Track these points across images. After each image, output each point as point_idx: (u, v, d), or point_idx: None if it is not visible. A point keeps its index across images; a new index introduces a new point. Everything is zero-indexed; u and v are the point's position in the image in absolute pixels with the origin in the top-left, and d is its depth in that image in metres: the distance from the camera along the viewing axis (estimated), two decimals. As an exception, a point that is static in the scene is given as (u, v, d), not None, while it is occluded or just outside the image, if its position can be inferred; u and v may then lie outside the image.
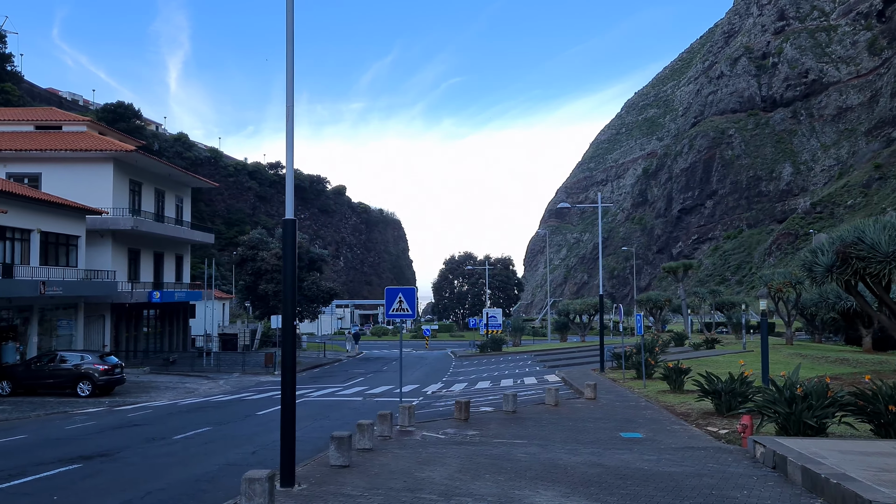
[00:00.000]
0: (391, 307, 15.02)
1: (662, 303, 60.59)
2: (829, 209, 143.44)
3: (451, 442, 12.89)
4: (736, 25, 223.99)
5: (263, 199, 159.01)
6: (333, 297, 41.49)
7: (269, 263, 38.65)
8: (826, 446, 10.19)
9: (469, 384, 28.52)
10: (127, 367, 37.10)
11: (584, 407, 18.13)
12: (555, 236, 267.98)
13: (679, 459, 10.94)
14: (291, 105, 9.56)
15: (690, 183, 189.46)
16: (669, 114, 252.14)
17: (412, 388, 27.13)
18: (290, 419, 8.94)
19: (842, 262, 18.28)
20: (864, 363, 30.49)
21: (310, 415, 18.93)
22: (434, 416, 17.70)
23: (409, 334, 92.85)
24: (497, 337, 53.59)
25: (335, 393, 25.85)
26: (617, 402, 19.00)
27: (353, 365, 43.26)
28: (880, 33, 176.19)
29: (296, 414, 9.15)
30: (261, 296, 39.75)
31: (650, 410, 17.20)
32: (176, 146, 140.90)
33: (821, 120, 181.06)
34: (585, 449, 12.03)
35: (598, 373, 28.60)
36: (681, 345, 42.85)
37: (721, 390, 15.35)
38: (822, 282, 19.01)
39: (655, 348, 28.54)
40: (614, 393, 21.16)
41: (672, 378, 20.45)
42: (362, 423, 11.76)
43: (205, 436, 15.27)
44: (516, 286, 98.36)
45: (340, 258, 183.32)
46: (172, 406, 22.55)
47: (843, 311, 34.30)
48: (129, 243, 40.00)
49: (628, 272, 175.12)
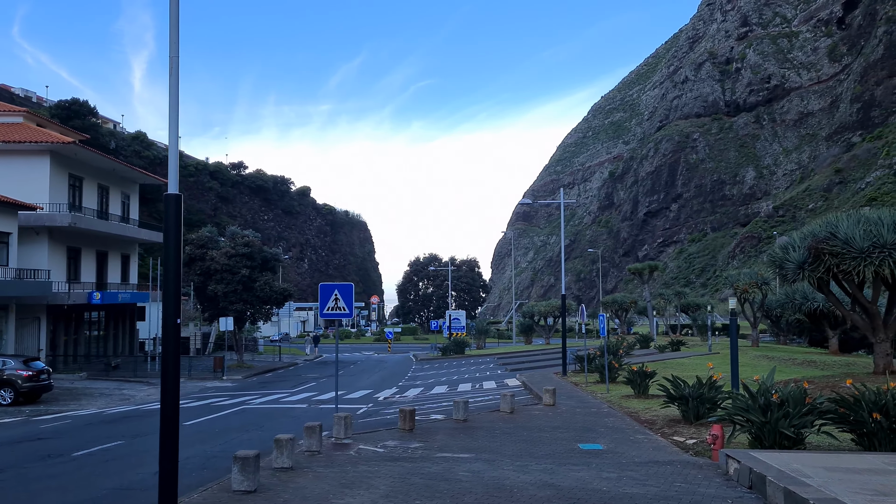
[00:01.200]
0: (326, 306, 13.44)
1: (628, 305, 59.82)
2: (791, 213, 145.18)
3: (388, 457, 11.39)
4: (700, 31, 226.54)
5: (225, 200, 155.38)
6: (287, 298, 39.63)
7: (218, 263, 36.68)
8: (809, 462, 8.90)
9: (425, 389, 27.03)
10: (62, 373, 34.90)
11: (541, 414, 16.74)
12: (522, 239, 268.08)
13: (642, 477, 9.58)
14: (177, 54, 7.91)
15: (656, 186, 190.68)
16: (635, 118, 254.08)
17: (364, 394, 25.53)
18: (171, 438, 7.29)
19: (814, 259, 17.21)
20: (833, 365, 29.71)
21: (242, 425, 17.25)
22: (379, 425, 16.17)
23: (372, 337, 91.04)
24: (460, 339, 52.18)
25: (280, 399, 24.14)
26: (577, 408, 17.66)
27: (309, 369, 41.46)
28: (840, 40, 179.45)
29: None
30: (210, 297, 37.75)
31: (612, 417, 15.88)
32: (134, 145, 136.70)
33: (783, 125, 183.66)
34: (538, 465, 10.62)
35: (561, 376, 27.32)
36: (646, 347, 41.90)
37: (688, 396, 14.07)
38: (794, 279, 17.95)
39: (619, 350, 27.39)
40: (575, 398, 19.83)
41: (636, 382, 19.19)
42: (280, 438, 10.19)
43: (111, 451, 13.51)
44: (482, 288, 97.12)
45: (305, 260, 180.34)
46: (97, 416, 20.64)
47: (809, 312, 33.56)
48: (68, 241, 37.68)
49: (594, 275, 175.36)
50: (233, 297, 36.93)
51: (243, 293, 37.32)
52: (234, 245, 37.33)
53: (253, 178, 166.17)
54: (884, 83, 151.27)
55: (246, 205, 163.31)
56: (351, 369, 41.55)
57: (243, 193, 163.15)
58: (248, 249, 37.23)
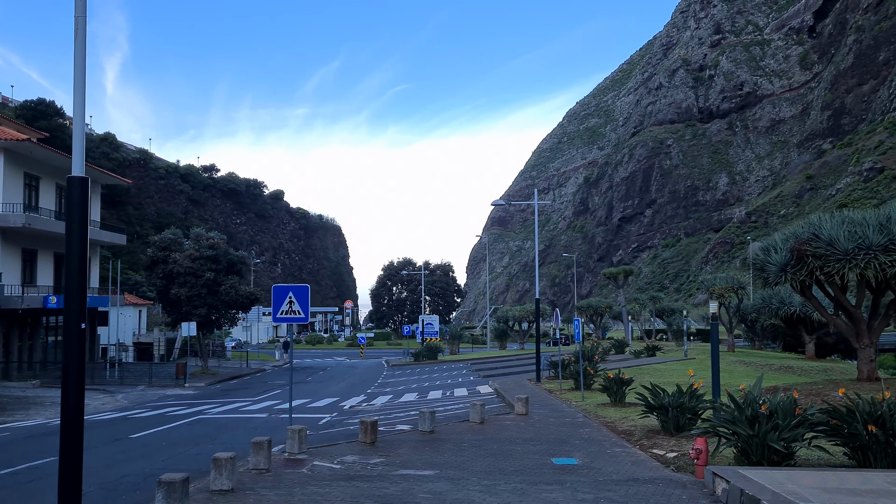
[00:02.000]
0: (279, 310, 12.39)
1: (603, 309, 59.26)
2: (764, 218, 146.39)
3: (344, 476, 10.37)
4: (674, 38, 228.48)
5: (196, 203, 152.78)
6: (254, 302, 38.29)
7: (182, 266, 35.26)
8: (805, 481, 8.07)
9: (394, 396, 25.98)
10: (15, 381, 33.28)
11: (513, 424, 15.81)
12: (497, 243, 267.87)
13: (622, 498, 8.68)
14: (83, 14, 6.80)
15: (630, 192, 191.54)
16: (610, 123, 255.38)
17: (329, 402, 24.41)
18: (73, 457, 6.19)
19: (797, 261, 16.51)
20: (811, 371, 29.22)
21: (194, 437, 16.08)
22: (340, 437, 15.12)
23: (344, 342, 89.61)
24: (432, 345, 51.14)
25: (240, 409, 22.93)
26: (551, 417, 16.75)
27: (277, 375, 40.15)
28: (811, 48, 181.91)
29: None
30: (173, 301, 36.31)
31: (588, 428, 14.99)
32: (102, 146, 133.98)
33: (755, 131, 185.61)
34: (507, 483, 9.68)
35: (534, 383, 26.45)
36: (621, 352, 41.26)
37: (668, 405, 13.23)
38: (776, 282, 17.25)
39: (595, 356, 26.62)
40: (549, 407, 18.93)
41: (612, 390, 18.36)
42: (219, 457, 9.12)
43: (39, 470, 12.29)
44: (456, 292, 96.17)
45: (278, 264, 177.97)
46: (39, 427, 19.29)
47: (786, 316, 33.10)
48: (22, 243, 36.05)
49: (569, 280, 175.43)
50: (197, 302, 35.52)
51: (208, 297, 35.93)
52: (198, 247, 35.95)
53: (225, 181, 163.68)
54: (854, 91, 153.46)
55: (218, 208, 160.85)
56: (320, 375, 40.33)
57: (215, 196, 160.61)
58: (214, 252, 35.88)
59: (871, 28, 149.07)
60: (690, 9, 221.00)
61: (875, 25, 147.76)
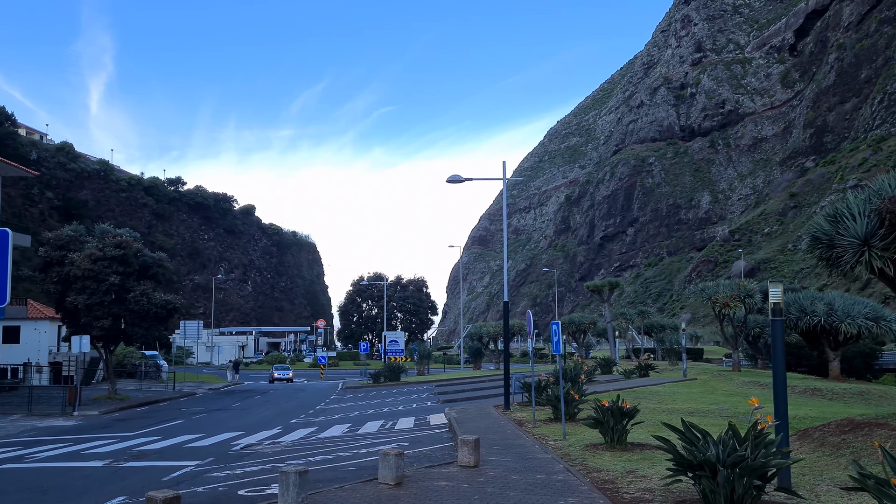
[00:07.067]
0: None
1: (586, 326, 53.56)
2: (747, 237, 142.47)
3: None
4: (655, 57, 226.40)
5: (161, 217, 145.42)
6: (173, 312, 31.98)
7: (80, 268, 28.95)
8: None
9: (318, 429, 19.90)
10: None
11: (448, 489, 9.77)
12: (478, 263, 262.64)
13: None
14: None
15: (612, 210, 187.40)
16: (591, 142, 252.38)
17: (225, 439, 18.25)
18: None
19: (889, 229, 10.80)
20: (843, 394, 23.62)
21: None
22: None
23: (308, 363, 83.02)
24: (395, 365, 45.03)
25: (85, 451, 16.61)
26: (514, 472, 10.76)
27: (204, 401, 33.80)
28: (792, 66, 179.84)
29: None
30: (69, 310, 29.99)
31: (574, 497, 9.05)
32: (58, 156, 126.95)
33: (737, 150, 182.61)
34: None
35: (502, 411, 20.53)
36: (608, 372, 35.46)
37: (716, 461, 7.39)
38: (854, 263, 11.52)
39: (581, 376, 20.78)
40: (514, 450, 12.94)
41: (609, 424, 12.39)
42: None
43: None
44: (430, 309, 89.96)
45: (248, 282, 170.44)
46: None
47: (807, 329, 27.46)
48: None
49: (550, 300, 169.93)
50: (98, 311, 29.21)
51: (112, 306, 29.64)
52: (102, 246, 29.73)
53: (192, 194, 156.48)
54: (836, 109, 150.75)
55: (184, 223, 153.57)
56: (255, 400, 34.10)
57: (181, 210, 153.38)
58: (121, 252, 29.64)
59: (852, 46, 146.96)
60: (671, 28, 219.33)
61: (856, 43, 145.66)
